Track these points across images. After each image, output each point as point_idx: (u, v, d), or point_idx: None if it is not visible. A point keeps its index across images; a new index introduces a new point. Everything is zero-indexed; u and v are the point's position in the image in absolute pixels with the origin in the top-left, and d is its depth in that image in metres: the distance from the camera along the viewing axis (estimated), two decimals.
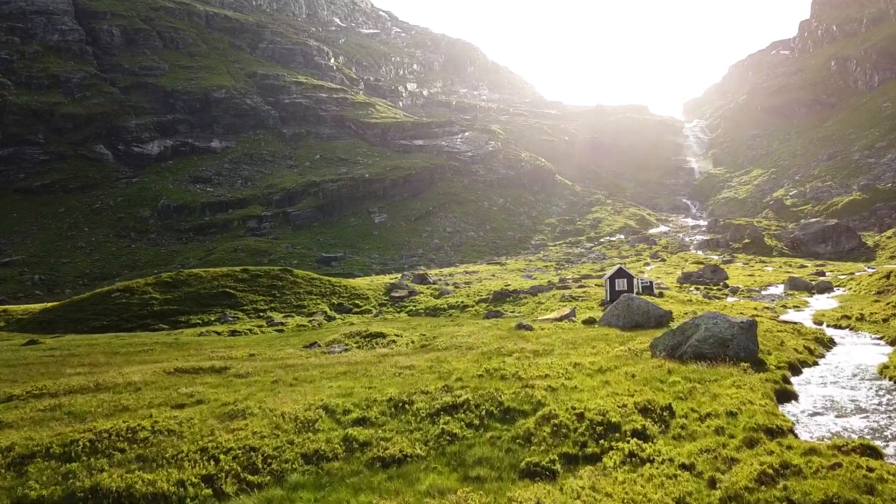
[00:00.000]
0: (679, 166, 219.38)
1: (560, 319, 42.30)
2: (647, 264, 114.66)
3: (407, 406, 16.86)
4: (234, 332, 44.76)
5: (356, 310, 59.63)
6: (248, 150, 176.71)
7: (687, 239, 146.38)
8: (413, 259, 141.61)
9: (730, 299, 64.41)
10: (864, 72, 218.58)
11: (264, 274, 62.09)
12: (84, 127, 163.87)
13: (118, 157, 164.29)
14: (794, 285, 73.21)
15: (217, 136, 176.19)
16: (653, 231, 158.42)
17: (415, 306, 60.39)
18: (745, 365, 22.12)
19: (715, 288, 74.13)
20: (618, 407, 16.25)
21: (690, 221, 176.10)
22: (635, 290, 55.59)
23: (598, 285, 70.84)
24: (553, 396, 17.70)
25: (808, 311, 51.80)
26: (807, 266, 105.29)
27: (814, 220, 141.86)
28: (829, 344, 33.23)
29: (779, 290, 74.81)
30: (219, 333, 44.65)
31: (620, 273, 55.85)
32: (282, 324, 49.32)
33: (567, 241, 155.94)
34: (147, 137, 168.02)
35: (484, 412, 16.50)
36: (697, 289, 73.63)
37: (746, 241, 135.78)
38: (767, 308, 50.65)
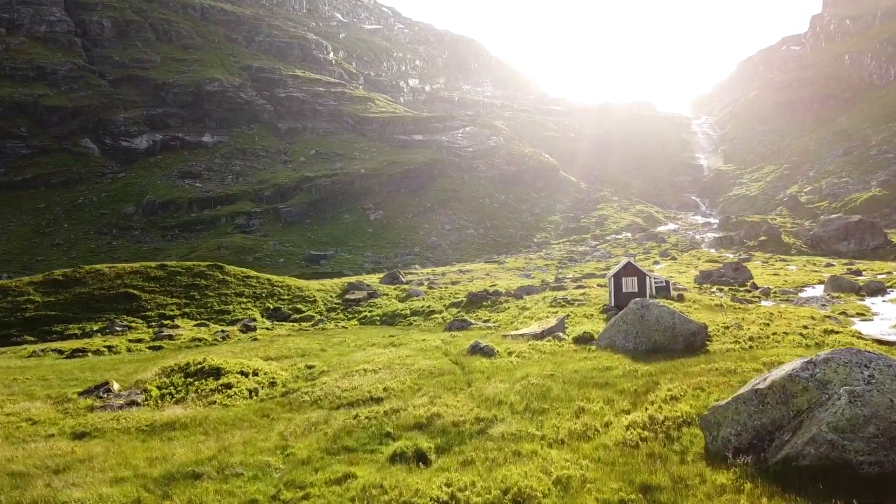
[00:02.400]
0: (687, 163, 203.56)
1: (541, 336, 27.52)
2: (656, 262, 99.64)
3: None
4: (77, 352, 30.49)
5: (296, 316, 45.18)
6: (241, 144, 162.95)
7: (698, 237, 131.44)
8: (409, 257, 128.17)
9: (765, 303, 49.36)
10: (879, 66, 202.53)
11: (185, 271, 47.68)
12: (70, 120, 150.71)
13: (105, 151, 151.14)
14: (838, 286, 57.82)
15: (209, 130, 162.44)
16: (661, 229, 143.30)
17: (370, 312, 45.89)
18: None
19: (742, 289, 58.92)
20: None
21: (700, 219, 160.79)
22: (648, 292, 40.65)
23: (601, 285, 55.86)
24: None
25: (883, 322, 36.78)
26: (833, 265, 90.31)
27: (834, 216, 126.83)
28: None
29: (817, 291, 59.58)
30: (61, 352, 30.50)
31: (629, 270, 40.60)
32: (169, 338, 34.93)
33: (571, 238, 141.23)
34: (136, 131, 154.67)
35: None
36: (720, 290, 58.49)
37: (762, 238, 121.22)
38: (829, 318, 35.56)
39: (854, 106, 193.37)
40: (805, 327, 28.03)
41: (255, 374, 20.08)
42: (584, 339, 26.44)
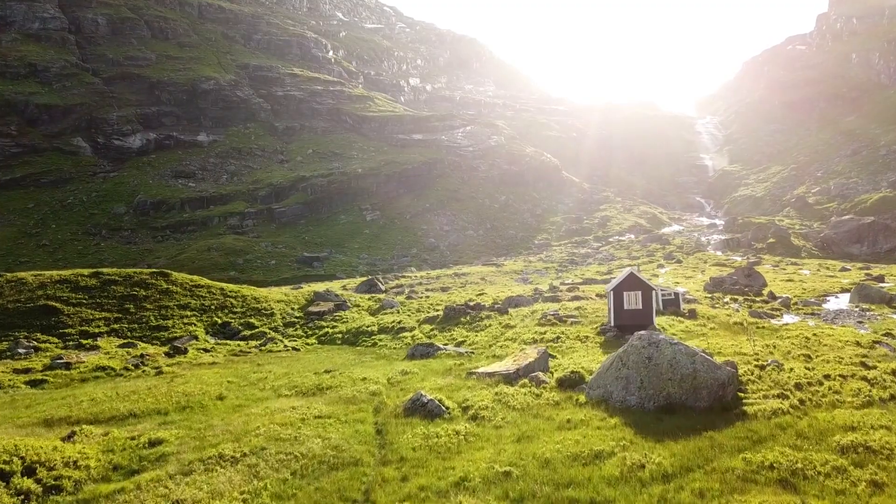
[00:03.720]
0: (692, 164, 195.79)
1: (515, 377, 20.40)
2: (660, 266, 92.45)
3: None
4: None
5: (246, 332, 38.36)
6: (237, 143, 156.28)
7: (703, 238, 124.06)
8: (405, 259, 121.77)
9: (787, 317, 42.17)
10: (887, 65, 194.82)
11: (123, 279, 40.85)
12: (61, 118, 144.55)
13: (97, 150, 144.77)
14: (866, 296, 50.50)
15: (204, 129, 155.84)
16: (665, 230, 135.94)
17: (333, 328, 39.00)
18: None
19: (758, 300, 51.63)
20: None
21: (705, 220, 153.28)
22: (654, 309, 33.47)
23: (601, 295, 48.68)
24: None
25: None
26: (849, 269, 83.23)
27: (846, 217, 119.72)
28: None
29: (842, 302, 52.23)
30: None
31: (631, 282, 33.36)
32: (66, 367, 28.07)
33: (573, 240, 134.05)
34: (129, 130, 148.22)
35: None
36: (735, 300, 51.26)
37: (771, 240, 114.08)
38: (878, 343, 28.28)
39: (862, 106, 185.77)
40: (864, 364, 20.89)
41: (31, 471, 12.51)
42: (571, 383, 19.40)
